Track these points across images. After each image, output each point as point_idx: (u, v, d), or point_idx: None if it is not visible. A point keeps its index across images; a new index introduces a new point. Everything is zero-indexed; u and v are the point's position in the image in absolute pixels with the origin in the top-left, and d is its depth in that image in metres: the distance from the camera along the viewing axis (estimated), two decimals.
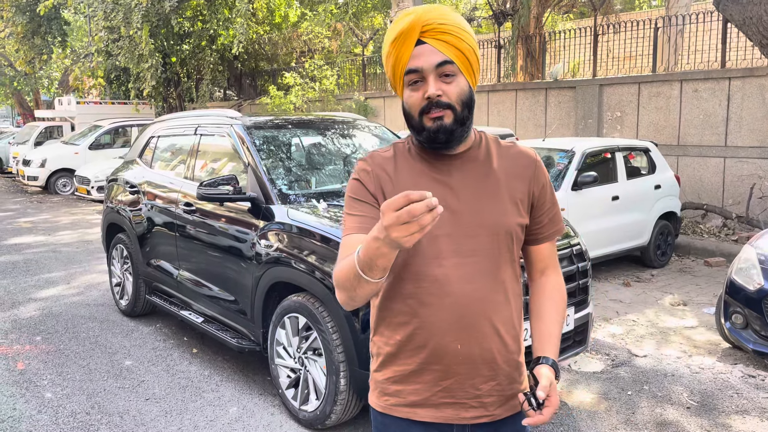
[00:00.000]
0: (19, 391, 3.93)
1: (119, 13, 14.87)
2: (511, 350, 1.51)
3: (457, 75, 1.43)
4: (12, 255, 7.93)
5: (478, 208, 1.47)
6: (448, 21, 1.43)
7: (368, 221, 1.44)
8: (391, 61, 1.45)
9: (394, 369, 1.51)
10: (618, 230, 6.88)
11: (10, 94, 28.66)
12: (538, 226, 1.58)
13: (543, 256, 1.61)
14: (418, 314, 1.45)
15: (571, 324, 3.49)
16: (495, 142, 1.57)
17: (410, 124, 1.47)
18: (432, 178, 1.48)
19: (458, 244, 1.45)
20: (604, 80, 10.18)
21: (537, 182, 1.55)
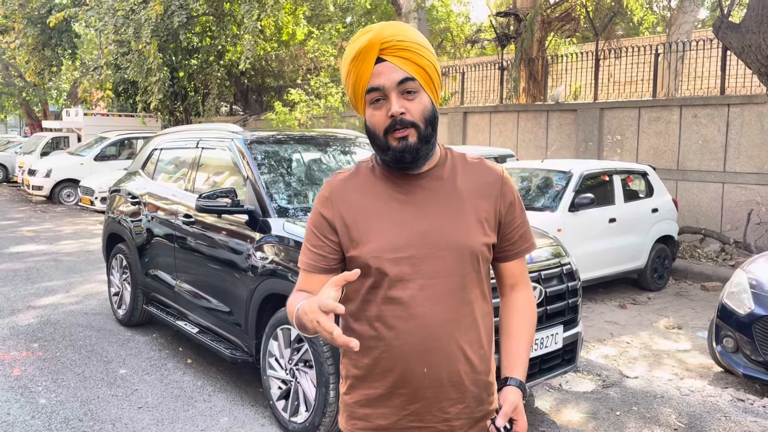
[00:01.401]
0: (13, 397, 3.97)
1: (129, 27, 15.09)
2: (479, 371, 1.50)
3: (420, 92, 1.43)
4: (13, 263, 8.01)
5: (442, 228, 1.46)
6: (407, 38, 1.43)
7: (321, 260, 1.50)
8: (352, 80, 1.44)
9: (362, 392, 1.50)
10: (614, 252, 6.93)
11: (19, 105, 28.97)
12: (508, 243, 1.56)
13: (513, 272, 1.59)
14: (384, 338, 1.44)
15: (559, 342, 3.53)
16: (461, 158, 1.56)
17: (375, 143, 1.46)
18: (395, 199, 1.47)
19: (423, 265, 1.44)
20: (605, 104, 10.29)
21: (504, 199, 1.53)
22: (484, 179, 1.53)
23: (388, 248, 1.44)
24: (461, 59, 17.54)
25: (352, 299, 1.50)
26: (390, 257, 1.43)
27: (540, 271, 3.52)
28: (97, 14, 16.06)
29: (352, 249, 1.47)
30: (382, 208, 1.47)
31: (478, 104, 12.84)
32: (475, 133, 12.27)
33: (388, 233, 1.45)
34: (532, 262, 3.52)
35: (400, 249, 1.43)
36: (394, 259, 1.43)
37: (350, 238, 1.48)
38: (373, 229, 1.46)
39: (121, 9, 15.07)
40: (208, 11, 16.02)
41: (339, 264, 1.51)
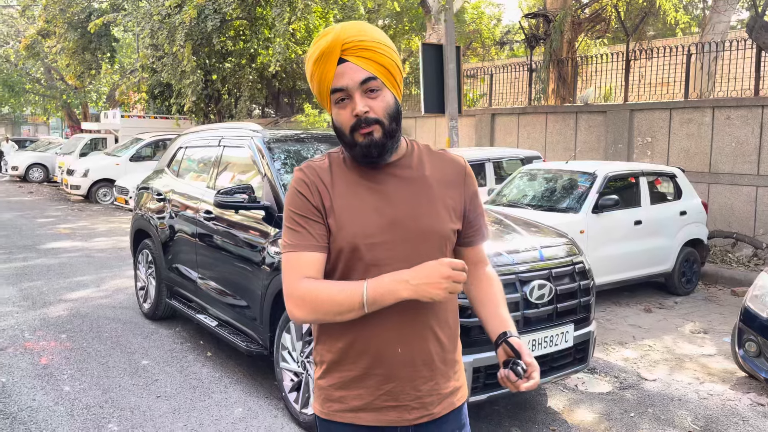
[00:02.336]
0: (39, 384, 4.13)
1: (164, 31, 15.46)
2: (447, 350, 1.58)
3: (382, 89, 1.48)
4: (48, 258, 8.28)
5: (413, 214, 1.52)
6: (368, 37, 1.48)
7: (316, 238, 1.50)
8: (316, 80, 1.49)
9: (337, 376, 1.55)
10: (640, 255, 6.83)
11: (60, 107, 29.89)
12: (472, 229, 1.65)
13: (476, 253, 1.69)
14: (359, 322, 1.48)
15: (570, 341, 3.52)
16: (426, 149, 1.62)
17: (342, 141, 1.52)
18: (367, 187, 1.53)
19: (395, 250, 1.50)
20: (635, 105, 10.14)
21: (468, 189, 1.62)
22: (449, 169, 1.61)
23: (362, 233, 1.50)
24: (491, 61, 17.47)
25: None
26: (365, 242, 1.49)
27: (551, 269, 3.51)
28: (134, 19, 16.50)
29: (329, 234, 1.53)
30: (354, 196, 1.52)
31: (506, 106, 12.77)
32: (503, 135, 12.22)
33: (361, 220, 1.51)
34: (542, 260, 3.52)
35: (373, 235, 1.49)
36: (368, 245, 1.49)
37: (326, 223, 1.53)
38: (347, 216, 1.51)
39: (156, 13, 15.44)
40: (241, 15, 16.30)
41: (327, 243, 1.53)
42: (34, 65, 26.20)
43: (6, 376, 4.25)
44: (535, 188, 7.23)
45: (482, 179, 8.88)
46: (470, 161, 8.91)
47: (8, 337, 5.07)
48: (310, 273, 1.48)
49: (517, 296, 3.32)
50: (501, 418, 3.82)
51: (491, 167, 8.83)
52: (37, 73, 27.49)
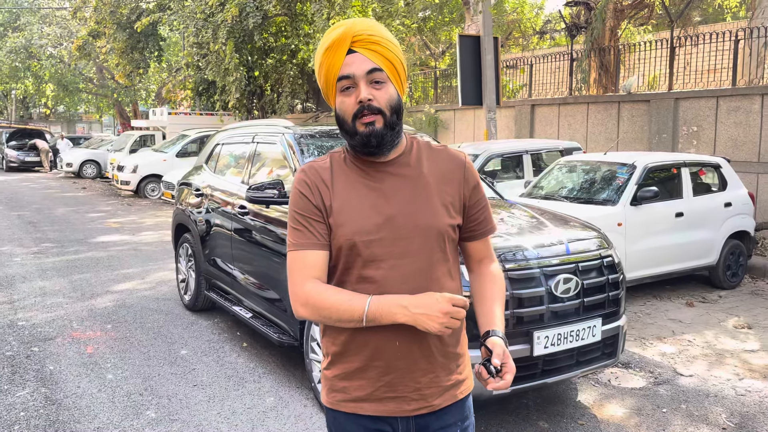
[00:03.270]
0: (84, 372, 4.34)
1: (208, 29, 15.79)
2: (447, 343, 1.61)
3: (387, 82, 1.54)
4: (98, 251, 8.63)
5: (410, 211, 1.57)
6: (376, 33, 1.55)
7: (318, 237, 1.56)
8: (324, 69, 1.56)
9: (341, 367, 1.60)
10: (682, 248, 6.66)
11: (112, 105, 30.89)
12: (474, 223, 1.68)
13: (479, 249, 1.71)
14: None
15: (597, 335, 3.49)
16: (426, 147, 1.66)
17: (343, 129, 1.57)
18: (366, 185, 1.58)
19: (393, 246, 1.55)
20: (680, 94, 9.86)
21: (467, 184, 1.65)
22: (448, 165, 1.65)
23: (360, 231, 1.55)
24: (531, 51, 17.21)
25: (330, 279, 1.61)
26: (362, 239, 1.55)
27: (577, 263, 3.49)
28: (179, 18, 16.91)
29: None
30: (354, 194, 1.58)
31: (546, 96, 12.59)
32: (543, 126, 12.05)
33: (359, 217, 1.56)
34: (569, 253, 3.50)
35: (371, 232, 1.54)
36: (366, 242, 1.54)
37: (326, 221, 1.58)
38: (346, 213, 1.56)
39: (200, 12, 15.78)
40: (281, 12, 16.51)
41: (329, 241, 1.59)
42: (86, 65, 27.14)
43: (54, 364, 4.48)
44: (573, 180, 7.13)
45: (520, 171, 8.79)
46: (507, 153, 8.84)
47: (58, 327, 5.33)
48: (315, 272, 1.55)
49: (542, 290, 3.31)
50: (529, 411, 3.82)
51: (529, 159, 8.73)
52: (90, 72, 28.48)
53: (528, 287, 3.29)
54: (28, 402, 3.86)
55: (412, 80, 15.58)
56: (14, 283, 6.78)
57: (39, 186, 18.60)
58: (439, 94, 15.16)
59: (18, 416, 3.67)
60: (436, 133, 14.42)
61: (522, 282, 3.30)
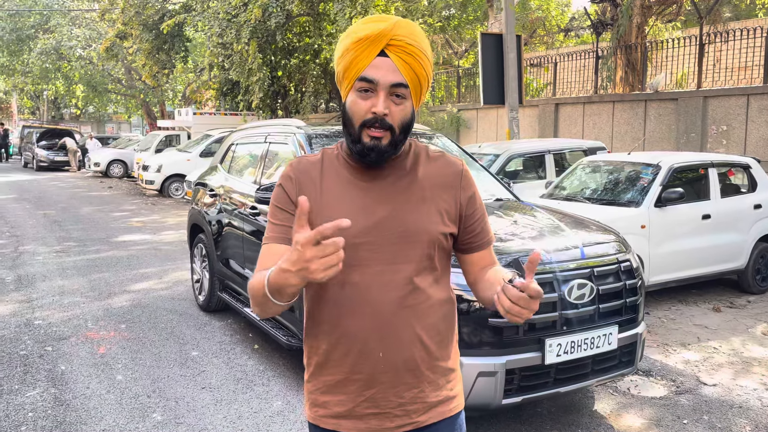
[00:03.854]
0: (95, 372, 4.34)
1: (232, 30, 15.87)
2: (436, 356, 1.51)
3: (407, 99, 1.44)
4: (119, 250, 8.70)
5: (401, 216, 1.48)
6: (416, 42, 1.43)
7: (288, 231, 1.47)
8: (347, 59, 1.43)
9: (322, 379, 1.52)
10: (708, 251, 6.45)
11: (140, 105, 31.31)
12: (470, 235, 1.57)
13: (481, 258, 1.60)
14: (341, 323, 1.46)
15: (613, 343, 3.35)
16: (424, 150, 1.57)
17: (347, 131, 1.47)
18: (356, 186, 1.50)
19: (380, 252, 1.46)
20: (709, 92, 9.57)
21: (464, 192, 1.56)
22: (444, 171, 1.56)
23: (346, 233, 1.44)
24: (555, 49, 16.94)
25: (310, 283, 1.51)
26: (349, 242, 1.43)
27: (593, 268, 3.35)
28: (204, 18, 17.03)
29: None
30: (342, 194, 1.49)
31: (570, 95, 12.35)
32: (568, 126, 11.83)
33: (347, 218, 1.45)
34: (584, 258, 3.37)
35: (357, 234, 1.45)
36: (351, 245, 1.44)
37: (309, 221, 1.49)
38: (333, 214, 1.46)
39: (223, 13, 15.87)
40: (304, 11, 16.52)
41: None
42: (114, 66, 27.56)
43: (66, 364, 4.48)
44: (595, 181, 6.95)
45: (542, 171, 8.63)
46: (529, 153, 8.68)
47: (73, 326, 5.35)
48: (269, 264, 1.40)
49: (555, 296, 3.19)
50: (543, 421, 3.70)
51: (551, 159, 8.56)
52: (119, 73, 28.92)
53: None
54: (37, 402, 3.86)
55: (435, 79, 15.45)
56: (34, 282, 6.86)
57: (67, 185, 18.91)
58: (462, 94, 15.00)
59: (26, 417, 3.67)
60: (459, 133, 14.27)
61: None
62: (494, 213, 4.00)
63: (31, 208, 13.17)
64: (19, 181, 19.87)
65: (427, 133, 5.13)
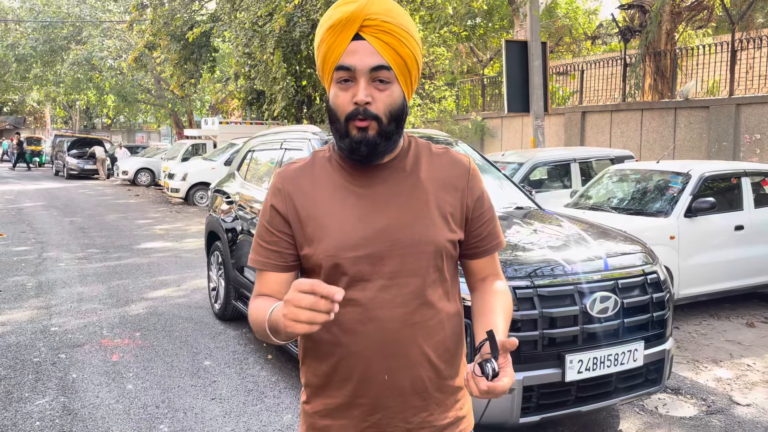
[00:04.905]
0: (105, 381, 4.28)
1: (257, 39, 15.97)
2: (444, 376, 1.39)
3: (393, 83, 1.31)
4: (140, 257, 8.71)
5: (404, 223, 1.34)
6: (394, 20, 1.30)
7: (277, 257, 1.38)
8: (323, 50, 1.32)
9: (322, 402, 1.41)
10: (742, 264, 6.18)
11: (169, 115, 31.76)
12: (476, 239, 1.44)
13: (484, 267, 1.47)
14: (342, 343, 1.35)
15: (639, 360, 3.17)
16: (426, 148, 1.44)
17: (334, 126, 1.35)
18: (353, 192, 1.37)
19: (382, 264, 1.33)
20: (742, 99, 9.27)
21: (471, 193, 1.42)
22: (449, 171, 1.42)
23: (344, 246, 1.34)
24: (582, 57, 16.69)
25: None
26: (347, 256, 1.33)
27: (617, 280, 3.18)
28: (231, 28, 17.17)
29: (306, 246, 1.38)
30: (338, 202, 1.37)
31: (598, 103, 12.11)
32: (595, 134, 11.59)
33: (344, 229, 1.34)
34: (607, 269, 3.20)
35: (357, 246, 1.33)
36: (351, 258, 1.33)
37: (304, 234, 1.38)
38: (329, 225, 1.36)
39: (249, 22, 15.99)
40: None
41: (297, 261, 1.42)
42: (144, 76, 28.00)
43: (78, 372, 4.44)
44: (623, 190, 6.74)
45: (567, 180, 8.43)
46: (554, 161, 8.49)
47: (88, 333, 5.32)
48: (266, 292, 1.38)
49: (576, 309, 3.02)
50: None
51: (577, 168, 8.37)
52: (148, 83, 29.38)
53: (560, 306, 3.01)
54: (45, 411, 3.80)
55: (459, 88, 15.32)
56: (54, 288, 6.87)
57: (95, 193, 19.19)
58: (487, 102, 14.84)
59: (33, 426, 3.61)
60: (483, 142, 14.10)
61: (553, 300, 3.02)
62: (515, 222, 3.85)
63: (59, 215, 13.35)
64: (50, 189, 20.23)
65: (448, 141, 5.02)
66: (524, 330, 2.91)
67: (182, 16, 19.73)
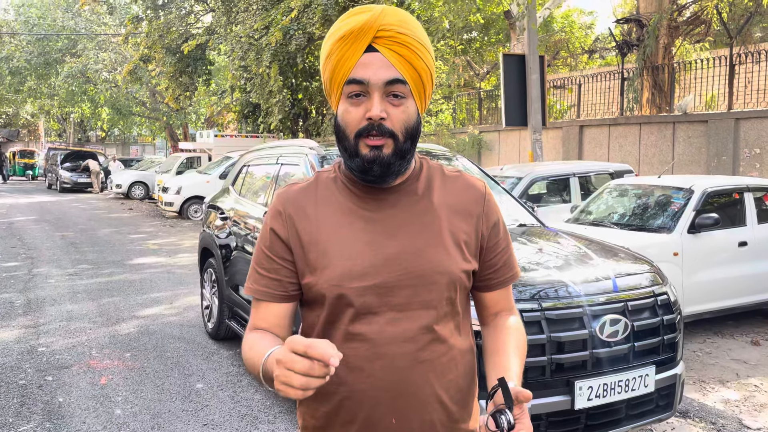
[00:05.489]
0: (93, 405, 4.11)
1: (252, 52, 15.92)
2: (456, 419, 1.27)
3: (407, 98, 1.21)
4: (132, 274, 8.55)
5: (415, 251, 1.23)
6: (409, 31, 1.20)
7: (277, 286, 1.26)
8: (332, 63, 1.22)
9: None
10: (746, 280, 6.08)
11: (164, 128, 31.65)
12: (491, 270, 1.33)
13: (497, 300, 1.36)
14: (346, 381, 1.23)
15: (650, 386, 3.04)
16: (438, 171, 1.33)
17: (342, 145, 1.24)
18: (360, 216, 1.26)
19: (391, 295, 1.22)
20: (741, 113, 9.22)
21: (487, 220, 1.31)
22: (464, 196, 1.31)
23: (350, 275, 1.22)
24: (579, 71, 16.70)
25: (308, 335, 1.28)
26: (352, 286, 1.21)
27: (626, 302, 3.06)
28: (226, 41, 17.13)
29: (308, 275, 1.25)
30: (344, 227, 1.25)
31: (595, 117, 12.06)
32: (593, 148, 11.52)
33: (350, 257, 1.23)
34: (617, 290, 3.07)
35: (364, 276, 1.21)
36: (357, 288, 1.21)
37: (306, 261, 1.26)
38: (333, 252, 1.24)
39: (245, 35, 15.94)
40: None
41: (298, 291, 1.30)
42: (139, 89, 27.92)
43: (64, 396, 4.27)
44: (624, 205, 6.64)
45: (567, 195, 8.33)
46: (553, 176, 8.39)
47: (76, 354, 5.15)
48: (265, 325, 1.26)
49: (585, 333, 2.90)
50: None
51: (576, 182, 8.27)
52: (143, 96, 29.30)
53: (569, 329, 2.88)
54: None
55: (456, 101, 15.27)
56: (43, 306, 6.70)
57: (88, 206, 19.00)
58: (484, 115, 14.79)
59: None
60: (480, 155, 14.02)
61: (562, 323, 2.89)
62: (517, 239, 3.73)
63: (50, 230, 13.16)
64: (42, 202, 20.03)
65: (447, 155, 4.92)
66: (531, 355, 2.78)
67: (178, 29, 19.69)
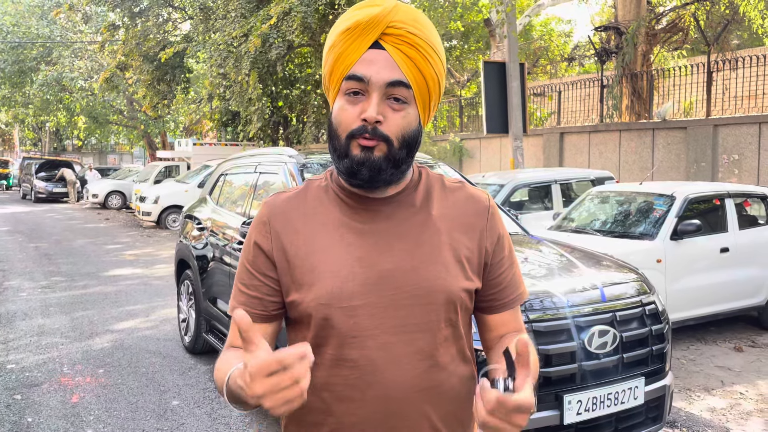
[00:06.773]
0: (63, 426, 3.94)
1: (231, 60, 15.76)
2: None
3: (410, 104, 1.11)
4: (107, 286, 8.33)
5: (411, 268, 1.13)
6: (422, 32, 1.10)
7: (257, 304, 1.16)
8: (333, 55, 1.12)
9: None
10: (728, 287, 6.08)
11: (141, 136, 31.26)
12: (495, 290, 1.22)
13: (502, 323, 1.24)
14: (334, 412, 1.13)
15: (640, 398, 2.97)
16: (438, 181, 1.23)
17: (333, 144, 1.14)
18: (352, 228, 1.15)
19: (385, 317, 1.11)
20: (719, 120, 9.30)
21: (491, 235, 1.20)
22: (466, 209, 1.21)
23: (339, 293, 1.11)
24: (559, 78, 16.80)
25: None
26: (342, 305, 1.11)
27: (615, 312, 2.99)
28: (204, 49, 16.94)
29: (294, 292, 1.14)
30: (334, 240, 1.14)
31: (576, 124, 12.11)
32: (573, 155, 11.55)
33: (340, 273, 1.12)
34: (604, 300, 3.00)
35: (355, 295, 1.11)
36: (347, 308, 1.10)
37: (292, 277, 1.15)
38: (322, 268, 1.13)
39: (223, 42, 15.78)
40: (305, 42, 16.43)
41: (280, 310, 1.19)
42: (116, 97, 27.55)
43: (33, 416, 4.09)
44: (606, 212, 6.62)
45: (549, 202, 8.32)
46: (534, 183, 8.37)
47: (47, 371, 4.96)
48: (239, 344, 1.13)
49: (573, 345, 2.82)
50: None
51: (558, 189, 8.26)
52: (120, 104, 28.91)
53: (557, 341, 2.80)
54: None
55: (437, 109, 15.29)
56: (14, 321, 6.48)
57: (63, 217, 18.63)
58: (465, 123, 14.79)
59: None
60: (461, 162, 14.00)
61: (549, 335, 2.81)
62: None
63: (24, 241, 12.85)
64: (15, 213, 19.61)
65: (429, 162, 4.83)
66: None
67: (155, 36, 19.46)
